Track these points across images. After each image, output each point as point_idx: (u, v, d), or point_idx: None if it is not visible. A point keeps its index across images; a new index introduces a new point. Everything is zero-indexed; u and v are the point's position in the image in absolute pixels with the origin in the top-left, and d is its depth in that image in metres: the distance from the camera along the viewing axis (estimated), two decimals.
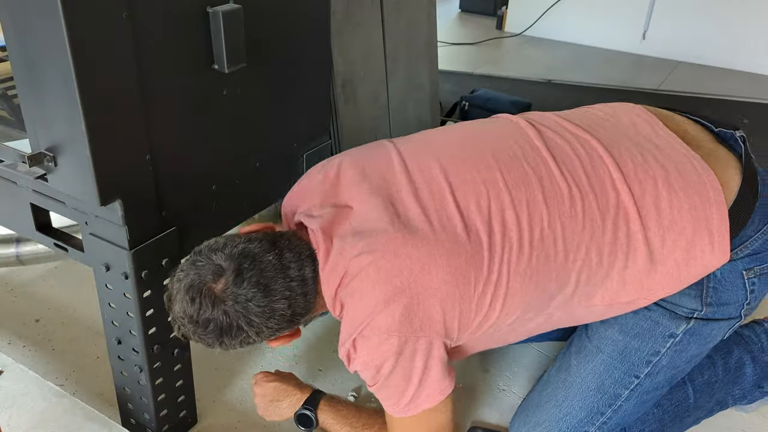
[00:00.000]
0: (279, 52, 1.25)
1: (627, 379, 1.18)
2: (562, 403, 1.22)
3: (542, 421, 1.24)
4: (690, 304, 1.13)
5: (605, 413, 1.20)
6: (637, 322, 1.16)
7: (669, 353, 1.16)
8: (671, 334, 1.15)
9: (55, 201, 1.16)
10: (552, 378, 1.27)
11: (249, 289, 1.02)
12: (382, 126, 1.89)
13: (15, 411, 1.26)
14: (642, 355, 1.17)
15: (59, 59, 0.88)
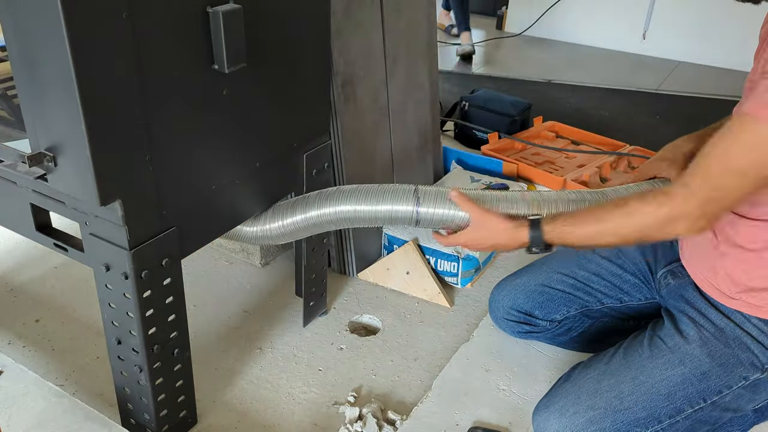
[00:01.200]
0: (279, 52, 1.25)
1: (696, 399, 1.19)
2: (626, 397, 1.20)
3: (598, 407, 1.20)
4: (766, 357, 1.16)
5: (663, 422, 1.20)
6: (724, 352, 1.19)
7: (735, 392, 1.19)
8: (745, 377, 1.18)
9: (55, 201, 1.16)
10: (616, 370, 1.24)
11: None
12: (382, 126, 1.89)
13: (15, 411, 1.26)
14: (718, 383, 1.19)
15: (59, 59, 0.88)
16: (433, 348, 1.67)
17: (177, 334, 1.25)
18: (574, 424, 1.20)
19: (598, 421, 1.19)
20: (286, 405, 1.49)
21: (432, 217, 1.29)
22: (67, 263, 1.92)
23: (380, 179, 1.94)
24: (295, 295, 1.84)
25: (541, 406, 1.27)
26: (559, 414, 1.23)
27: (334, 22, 1.57)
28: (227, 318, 1.76)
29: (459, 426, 1.40)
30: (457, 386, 1.50)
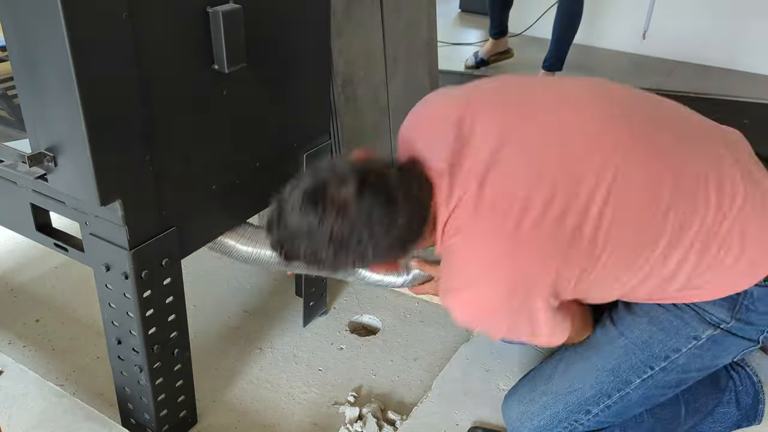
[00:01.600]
0: (279, 52, 1.25)
1: (642, 367, 1.20)
2: (575, 378, 1.24)
3: (549, 391, 1.25)
4: (720, 314, 1.14)
5: (612, 396, 1.21)
6: (668, 317, 1.18)
7: (687, 354, 1.18)
8: (696, 336, 1.17)
9: (55, 201, 1.16)
10: (569, 355, 1.28)
11: (374, 198, 1.00)
12: (382, 126, 1.89)
13: (15, 411, 1.26)
14: (663, 348, 1.18)
15: (59, 59, 0.88)
16: (433, 348, 1.67)
17: (177, 334, 1.25)
18: (530, 410, 1.26)
19: (551, 405, 1.24)
20: (286, 405, 1.49)
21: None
22: (67, 263, 1.92)
23: None
24: (295, 295, 1.84)
25: (507, 395, 1.35)
26: (518, 402, 1.30)
27: (334, 22, 1.57)
28: (227, 318, 1.76)
29: (459, 426, 1.40)
30: (457, 386, 1.50)
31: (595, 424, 1.25)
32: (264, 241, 1.35)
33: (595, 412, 1.23)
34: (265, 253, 1.36)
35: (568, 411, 1.23)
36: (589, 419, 1.24)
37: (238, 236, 1.34)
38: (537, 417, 1.25)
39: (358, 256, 1.03)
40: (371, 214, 1.00)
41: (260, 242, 1.36)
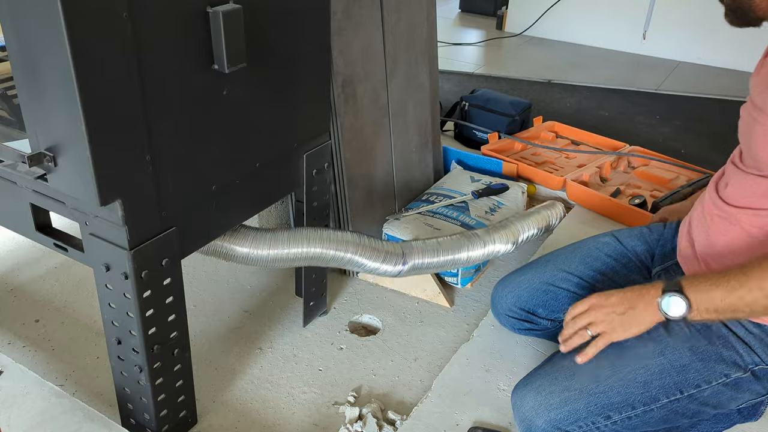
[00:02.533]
0: (279, 52, 1.25)
1: (673, 390, 1.19)
2: (602, 381, 1.21)
3: (573, 387, 1.22)
4: (762, 354, 1.16)
5: (636, 409, 1.20)
6: (707, 349, 1.18)
7: (714, 388, 1.19)
8: (727, 374, 1.18)
9: (55, 201, 1.16)
10: (596, 356, 1.23)
11: None
12: (382, 126, 1.89)
13: (15, 411, 1.26)
14: (697, 377, 1.19)
15: (59, 59, 0.88)
16: (433, 348, 1.67)
17: (177, 334, 1.25)
18: (549, 402, 1.22)
19: (572, 401, 1.21)
20: (286, 405, 1.49)
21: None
22: (67, 263, 1.92)
23: (380, 179, 1.94)
24: (295, 295, 1.84)
25: (520, 384, 1.30)
26: (535, 392, 1.25)
27: (334, 22, 1.57)
28: (227, 318, 1.76)
29: (459, 426, 1.40)
30: (457, 386, 1.50)
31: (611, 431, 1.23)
32: (260, 241, 1.38)
33: (615, 419, 1.21)
34: (261, 254, 1.38)
35: (589, 411, 1.20)
36: (607, 425, 1.21)
37: (234, 238, 1.36)
38: (555, 410, 1.21)
39: None
40: None
41: (256, 243, 1.38)
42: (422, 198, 2.07)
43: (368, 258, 1.44)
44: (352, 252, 1.43)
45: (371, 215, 1.93)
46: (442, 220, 1.92)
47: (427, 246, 1.52)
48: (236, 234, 1.36)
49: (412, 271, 1.49)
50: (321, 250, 1.41)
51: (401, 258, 1.46)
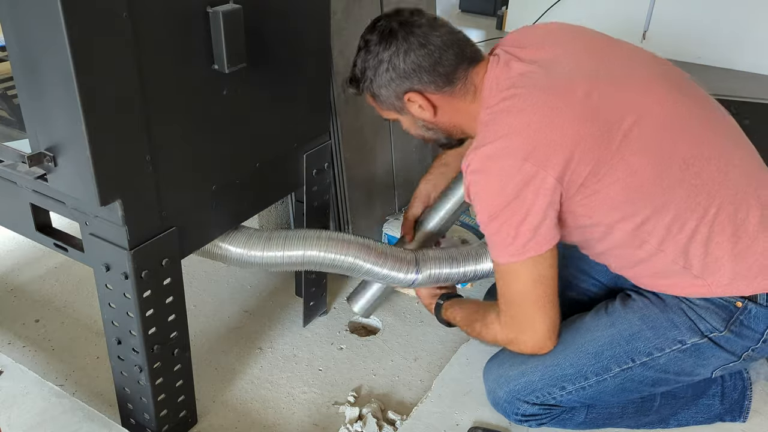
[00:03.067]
0: (279, 52, 1.25)
1: (624, 358, 1.23)
2: (557, 354, 1.27)
3: (530, 361, 1.29)
4: (715, 322, 1.17)
5: (589, 379, 1.25)
6: (659, 318, 1.21)
7: (669, 355, 1.20)
8: (681, 340, 1.19)
9: (55, 201, 1.16)
10: None
11: (419, 19, 1.17)
12: (382, 126, 1.89)
13: (15, 411, 1.26)
14: (648, 345, 1.21)
15: (59, 59, 0.88)
16: (433, 348, 1.67)
17: (177, 334, 1.25)
18: (508, 374, 1.32)
19: (528, 373, 1.29)
20: (286, 405, 1.49)
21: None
22: (67, 263, 1.92)
23: (380, 179, 1.94)
24: (295, 295, 1.84)
25: (489, 360, 1.40)
26: (498, 365, 1.36)
27: (334, 21, 1.57)
28: (227, 318, 1.76)
29: (459, 426, 1.40)
30: (457, 386, 1.50)
31: (567, 402, 1.29)
32: (255, 243, 1.35)
33: (570, 389, 1.27)
34: (254, 255, 1.35)
35: (544, 382, 1.27)
36: (562, 395, 1.28)
37: (228, 238, 1.34)
38: (513, 381, 1.30)
39: (391, 61, 1.17)
40: (412, 26, 1.16)
41: (251, 244, 1.34)
42: None
43: (373, 263, 1.38)
44: (354, 256, 1.36)
45: (371, 215, 1.93)
46: None
47: (444, 255, 1.45)
48: (231, 234, 1.34)
49: (429, 280, 1.43)
50: (318, 253, 1.35)
51: (414, 266, 1.41)
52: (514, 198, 1.08)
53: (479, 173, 1.11)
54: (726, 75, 3.74)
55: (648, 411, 1.36)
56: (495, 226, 1.12)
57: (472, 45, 1.21)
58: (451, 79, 1.18)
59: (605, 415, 1.35)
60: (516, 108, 1.10)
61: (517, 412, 1.32)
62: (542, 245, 1.12)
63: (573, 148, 1.06)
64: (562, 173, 1.07)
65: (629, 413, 1.36)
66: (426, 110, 1.21)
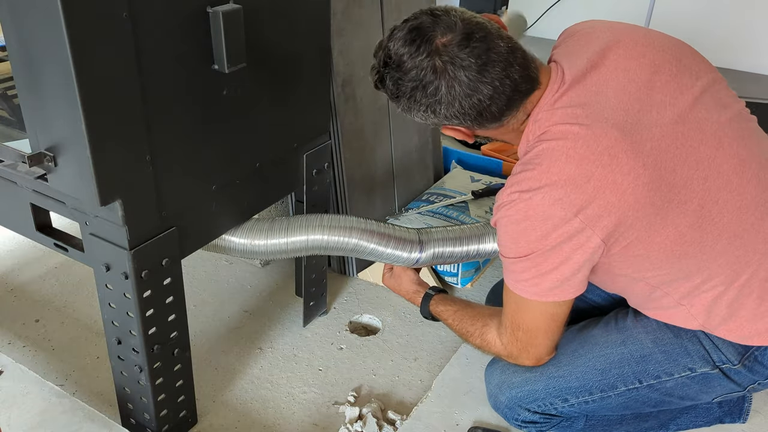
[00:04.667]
0: (279, 52, 1.25)
1: (631, 378, 1.21)
2: (563, 366, 1.25)
3: (535, 370, 1.27)
4: (729, 355, 1.15)
5: (593, 395, 1.24)
6: (672, 342, 1.19)
7: (677, 380, 1.19)
8: (692, 368, 1.18)
9: (55, 201, 1.16)
10: (563, 342, 1.28)
11: (468, 57, 0.99)
12: (382, 126, 1.89)
13: (15, 411, 1.26)
14: (657, 369, 1.20)
15: (59, 59, 0.88)
16: (433, 348, 1.67)
17: (177, 334, 1.25)
18: (512, 380, 1.30)
19: (532, 382, 1.27)
20: (286, 405, 1.49)
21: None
22: (67, 263, 1.92)
23: (380, 179, 1.94)
24: (295, 295, 1.84)
25: (492, 362, 1.38)
26: (501, 371, 1.33)
27: (334, 22, 1.57)
28: (227, 318, 1.76)
29: (459, 426, 1.40)
30: (457, 386, 1.50)
31: (567, 413, 1.28)
32: (257, 232, 1.35)
33: (572, 402, 1.25)
34: (258, 243, 1.35)
35: (548, 393, 1.26)
36: (564, 407, 1.27)
37: (231, 230, 1.34)
38: (516, 388, 1.29)
39: (429, 107, 1.04)
40: (457, 72, 0.99)
41: (253, 233, 1.35)
42: (422, 198, 2.07)
43: (377, 243, 1.36)
44: (358, 237, 1.35)
45: (371, 215, 1.93)
46: (442, 220, 1.92)
47: (448, 235, 1.42)
48: None
49: (433, 259, 1.40)
50: (322, 236, 1.35)
51: (418, 245, 1.38)
52: (552, 248, 1.02)
53: (520, 216, 1.03)
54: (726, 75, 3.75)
55: (647, 417, 1.36)
56: (522, 266, 1.07)
57: (528, 76, 1.05)
58: (498, 119, 1.07)
59: (604, 422, 1.35)
60: (578, 154, 1.00)
61: (517, 418, 1.32)
62: (567, 294, 1.08)
63: (628, 213, 1.00)
64: (609, 236, 1.02)
65: (628, 419, 1.35)
66: (464, 135, 1.14)
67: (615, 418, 1.35)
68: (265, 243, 1.35)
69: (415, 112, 1.08)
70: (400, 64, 1.03)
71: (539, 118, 1.06)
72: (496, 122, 1.08)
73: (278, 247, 1.36)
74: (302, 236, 1.35)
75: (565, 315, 1.15)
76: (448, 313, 1.37)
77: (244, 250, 1.35)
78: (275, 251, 1.36)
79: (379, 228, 1.38)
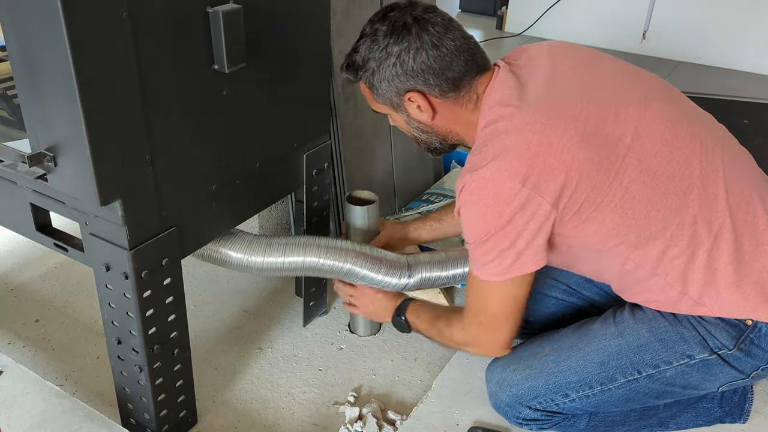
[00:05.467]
0: (279, 52, 1.25)
1: (630, 369, 1.22)
2: (562, 361, 1.27)
3: (535, 365, 1.30)
4: (725, 340, 1.16)
5: (593, 388, 1.25)
6: (668, 331, 1.20)
7: (677, 369, 1.20)
8: (690, 355, 1.19)
9: (55, 201, 1.16)
10: (561, 338, 1.32)
11: (435, 17, 1.14)
12: (382, 126, 1.89)
13: (15, 411, 1.26)
14: (655, 357, 1.20)
15: (59, 59, 0.88)
16: (433, 348, 1.67)
17: (177, 334, 1.25)
18: (512, 378, 1.32)
19: (532, 379, 1.29)
20: (286, 405, 1.49)
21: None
22: (67, 263, 1.92)
23: (380, 179, 1.94)
24: (295, 295, 1.84)
25: (493, 361, 1.39)
26: (501, 369, 1.35)
27: (334, 21, 1.57)
28: (227, 318, 1.76)
29: (459, 426, 1.40)
30: (457, 386, 1.50)
31: (569, 409, 1.29)
32: (255, 248, 1.36)
33: (573, 397, 1.26)
34: (255, 260, 1.36)
35: (548, 389, 1.27)
36: (565, 402, 1.28)
37: (229, 243, 1.35)
38: (517, 386, 1.30)
39: (397, 60, 1.13)
40: (426, 23, 1.12)
41: (251, 249, 1.36)
42: (422, 198, 2.07)
43: (369, 269, 1.40)
44: (352, 263, 1.39)
45: None
46: None
47: (434, 259, 1.47)
48: (231, 239, 1.35)
49: (420, 284, 1.45)
50: (317, 260, 1.38)
51: (407, 271, 1.43)
52: (507, 223, 1.07)
53: (474, 196, 1.09)
54: (726, 75, 3.74)
55: (650, 417, 1.36)
56: (484, 248, 1.12)
57: (482, 53, 1.18)
58: (457, 86, 1.15)
59: (607, 422, 1.35)
60: (515, 128, 1.07)
61: (518, 416, 1.32)
62: (525, 268, 1.12)
63: (571, 174, 1.05)
64: (557, 199, 1.06)
65: (631, 420, 1.35)
66: (425, 112, 1.18)
67: (618, 419, 1.35)
68: (262, 260, 1.36)
69: (384, 70, 1.14)
70: (374, 29, 1.14)
71: (485, 110, 1.15)
72: (454, 91, 1.15)
73: (275, 265, 1.38)
74: (299, 257, 1.38)
75: (524, 297, 1.18)
76: (423, 315, 1.41)
77: (240, 265, 1.37)
78: (271, 269, 1.38)
79: (372, 253, 1.42)
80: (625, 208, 1.08)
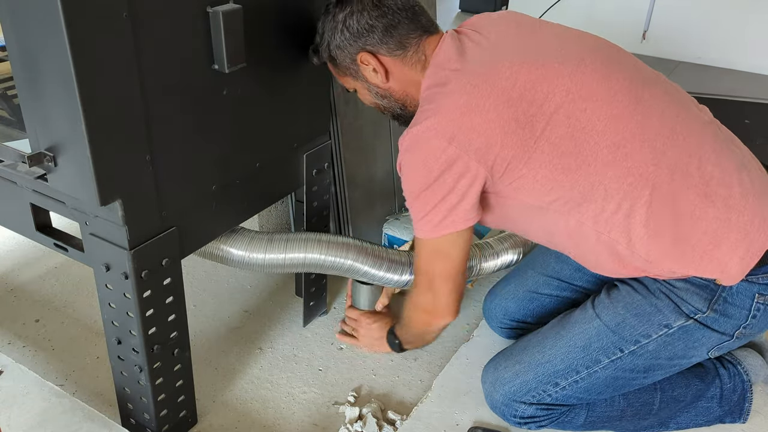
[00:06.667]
0: (279, 52, 1.25)
1: (612, 349, 1.25)
2: (546, 351, 1.30)
3: (523, 360, 1.32)
4: (697, 303, 1.18)
5: (580, 373, 1.27)
6: (642, 304, 1.22)
7: (658, 341, 1.22)
8: (667, 324, 1.20)
9: (55, 201, 1.16)
10: (546, 330, 1.36)
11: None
12: (382, 126, 1.89)
13: (15, 411, 1.26)
14: (634, 333, 1.23)
15: (59, 59, 0.88)
16: (433, 348, 1.67)
17: (177, 334, 1.25)
18: (503, 377, 1.34)
19: (522, 374, 1.32)
20: (286, 405, 1.49)
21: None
22: (67, 263, 1.92)
23: (380, 179, 1.94)
24: (295, 295, 1.84)
25: (486, 364, 1.42)
26: (493, 369, 1.38)
27: None
28: (227, 318, 1.76)
29: (459, 426, 1.40)
30: (457, 386, 1.50)
31: (563, 398, 1.30)
32: (256, 245, 1.37)
33: (563, 385, 1.28)
34: (256, 257, 1.36)
35: (538, 381, 1.29)
36: (557, 391, 1.29)
37: (230, 240, 1.35)
38: (508, 383, 1.32)
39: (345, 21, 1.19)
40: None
41: (252, 246, 1.36)
42: None
43: (371, 266, 1.41)
44: (353, 259, 1.40)
45: (371, 215, 1.93)
46: None
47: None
48: (232, 236, 1.35)
49: None
50: (319, 256, 1.39)
51: (408, 267, 1.43)
52: (436, 179, 1.11)
53: (409, 152, 1.14)
54: (726, 75, 3.74)
55: (647, 414, 1.36)
56: (417, 205, 1.16)
57: (427, 16, 1.22)
58: (402, 44, 1.19)
59: (604, 418, 1.35)
60: (449, 90, 1.12)
61: (515, 414, 1.33)
62: (457, 225, 1.15)
63: (495, 132, 1.08)
64: (484, 157, 1.09)
65: (628, 416, 1.36)
66: (378, 73, 1.22)
67: (615, 413, 1.35)
68: (263, 257, 1.37)
69: (336, 38, 1.20)
70: (327, 7, 1.22)
71: (428, 73, 1.18)
72: (401, 48, 1.20)
73: (276, 261, 1.38)
74: (300, 254, 1.38)
75: (460, 260, 1.21)
76: (403, 330, 1.45)
77: (242, 262, 1.37)
78: (272, 266, 1.39)
79: (374, 250, 1.43)
80: (554, 164, 1.10)
